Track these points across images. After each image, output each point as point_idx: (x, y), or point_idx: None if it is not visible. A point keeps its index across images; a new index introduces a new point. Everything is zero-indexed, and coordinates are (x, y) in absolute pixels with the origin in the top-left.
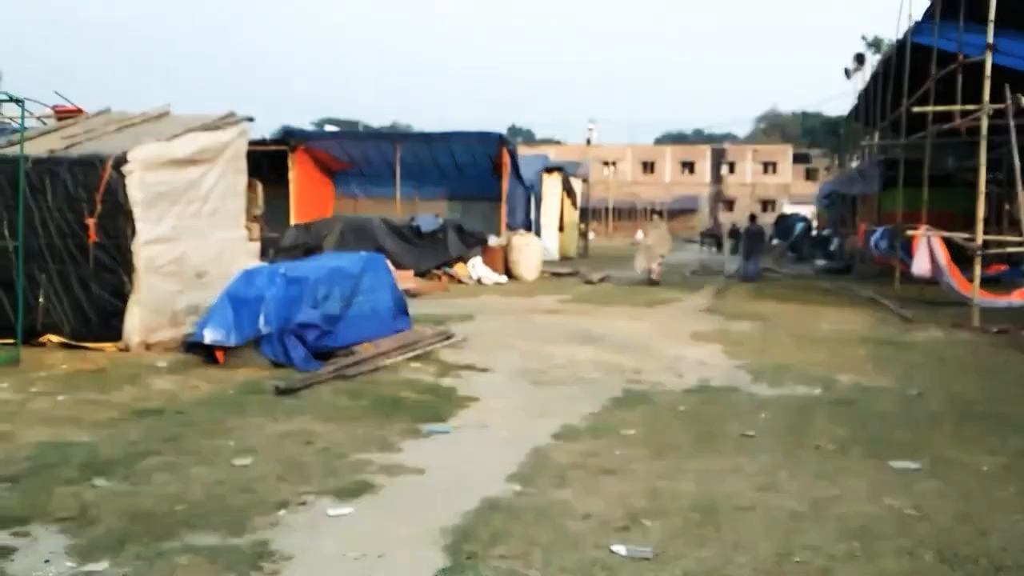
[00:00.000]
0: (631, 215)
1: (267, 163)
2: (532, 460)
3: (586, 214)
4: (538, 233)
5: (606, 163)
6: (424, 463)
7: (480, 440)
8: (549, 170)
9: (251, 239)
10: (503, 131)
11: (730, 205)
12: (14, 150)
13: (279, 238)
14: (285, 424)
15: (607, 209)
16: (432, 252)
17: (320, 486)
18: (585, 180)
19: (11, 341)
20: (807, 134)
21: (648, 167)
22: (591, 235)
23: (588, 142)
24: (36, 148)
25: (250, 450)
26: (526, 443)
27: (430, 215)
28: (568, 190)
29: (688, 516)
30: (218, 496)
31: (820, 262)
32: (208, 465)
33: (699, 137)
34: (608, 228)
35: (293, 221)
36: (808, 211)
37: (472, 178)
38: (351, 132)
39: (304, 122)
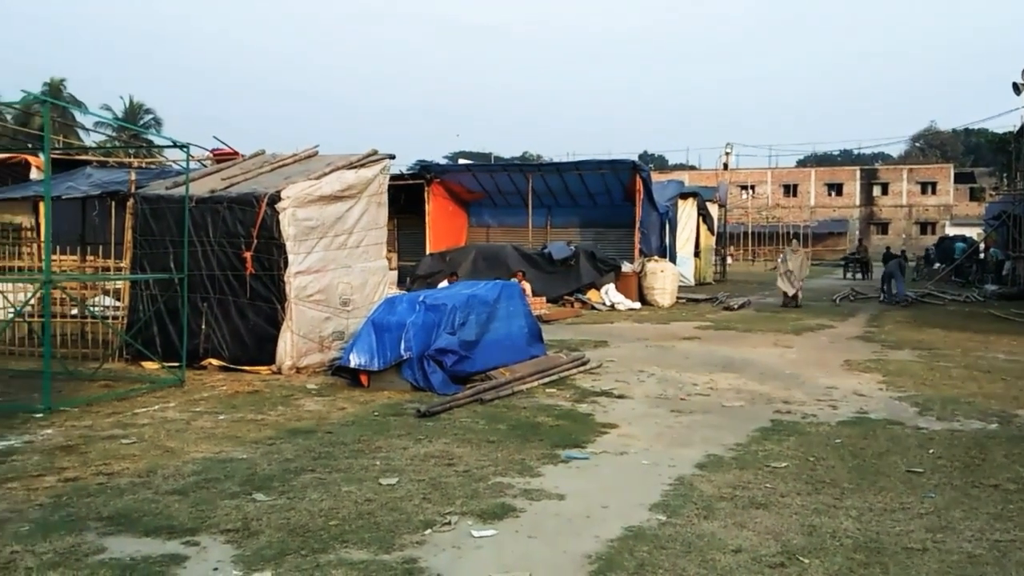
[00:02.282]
0: (772, 239)
1: (404, 196)
2: (676, 490)
3: (723, 239)
4: (673, 259)
5: (744, 187)
6: (564, 488)
7: (620, 467)
8: (684, 195)
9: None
10: (635, 158)
11: (883, 228)
12: (180, 191)
13: (416, 267)
14: (427, 446)
15: (746, 234)
16: (564, 279)
17: (463, 507)
18: (722, 205)
19: (177, 364)
20: (970, 152)
21: (790, 190)
22: (729, 260)
23: (725, 166)
24: (199, 188)
25: (395, 470)
26: (668, 472)
27: (562, 243)
28: (704, 215)
29: (851, 556)
30: (367, 513)
31: (991, 287)
32: (357, 483)
33: (847, 158)
34: (747, 253)
35: (429, 250)
36: (974, 233)
37: (605, 206)
38: (484, 164)
39: (438, 156)
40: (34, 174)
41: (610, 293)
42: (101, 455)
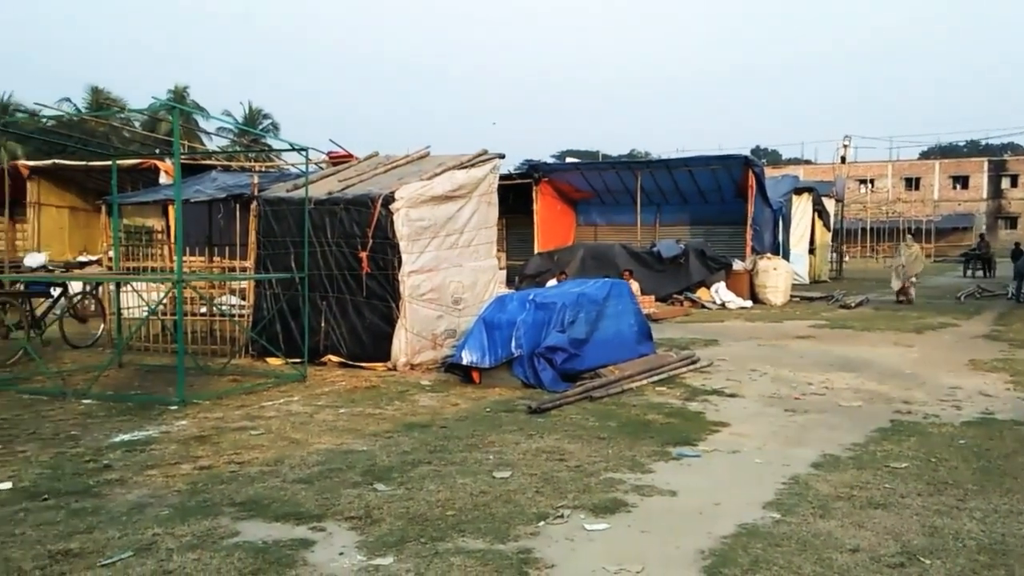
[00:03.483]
0: (892, 235)
1: (512, 195)
2: (790, 488)
3: (840, 235)
4: (786, 256)
5: (863, 181)
6: (675, 485)
7: (732, 466)
8: (799, 191)
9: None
10: (747, 153)
11: (1012, 222)
12: (299, 193)
13: (524, 266)
14: (538, 441)
15: (864, 229)
16: (673, 277)
17: (575, 501)
18: (839, 200)
19: (299, 361)
20: None
21: (912, 183)
22: (846, 257)
23: (842, 160)
24: (317, 191)
25: (508, 464)
26: (782, 471)
27: (671, 240)
28: (819, 211)
29: (974, 557)
30: (483, 504)
31: None
32: (471, 476)
33: (973, 149)
34: (865, 249)
35: (537, 249)
36: None
37: (715, 203)
38: (592, 163)
39: (545, 155)
40: (163, 178)
41: (720, 291)
42: (232, 445)
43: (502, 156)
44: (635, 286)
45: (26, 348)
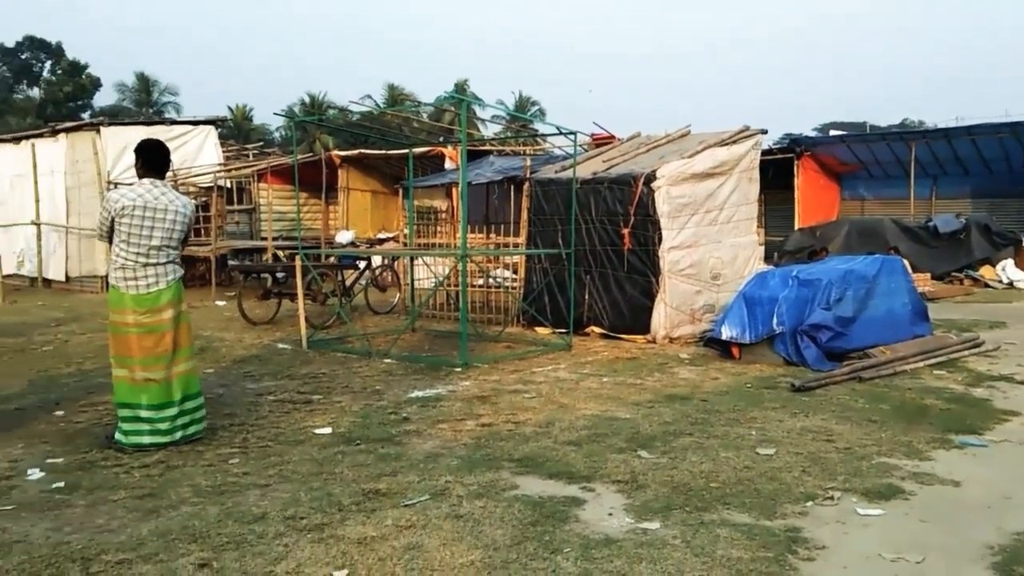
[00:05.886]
0: None
1: (772, 170)
2: None
3: None
4: None
5: None
6: (958, 475)
7: None
8: None
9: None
10: None
11: None
12: (567, 174)
13: (783, 242)
14: (803, 420)
15: None
16: (951, 254)
17: (845, 484)
18: None
19: (565, 331)
20: None
21: None
22: None
23: None
24: (583, 171)
25: (771, 441)
26: None
27: (949, 215)
28: None
29: None
30: (747, 480)
31: None
32: (734, 450)
33: None
34: None
35: (798, 225)
36: None
37: (1002, 172)
38: (859, 134)
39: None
40: (447, 163)
41: (1008, 269)
42: (508, 406)
43: (764, 132)
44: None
45: (339, 313)
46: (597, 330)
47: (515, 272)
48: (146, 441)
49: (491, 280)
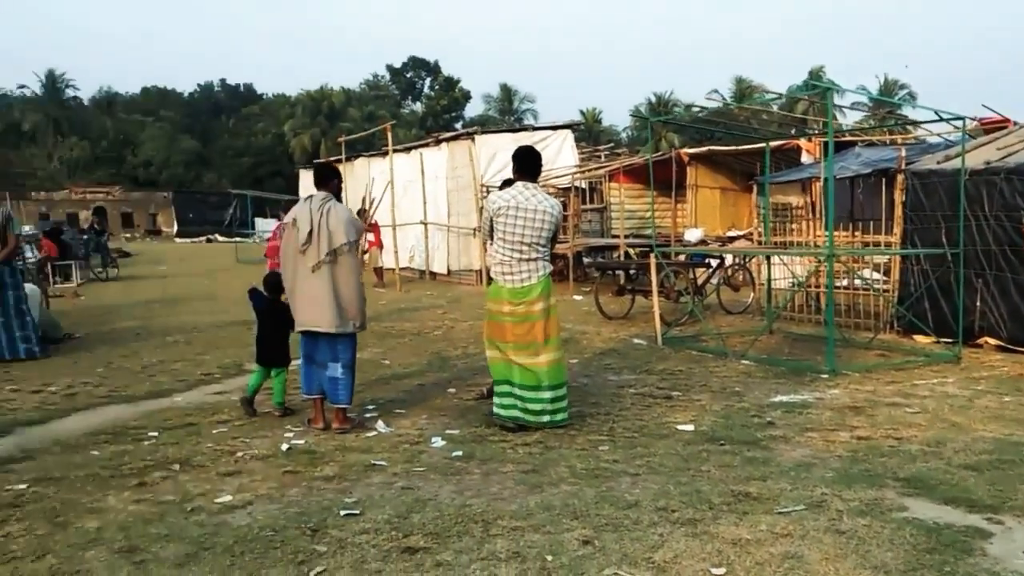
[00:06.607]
0: None
1: None
2: None
3: None
4: None
5: None
6: None
7: None
8: None
9: None
10: None
11: None
12: (951, 164)
13: None
14: None
15: None
16: None
17: None
18: None
19: (951, 341)
20: None
21: None
22: None
23: None
24: (972, 160)
25: None
26: None
27: None
28: None
29: None
30: None
31: None
32: None
33: None
34: None
35: None
36: None
37: None
38: None
39: None
40: (804, 157)
41: None
42: (887, 419)
43: None
44: None
45: (693, 311)
46: (992, 341)
47: (885, 273)
48: (519, 416)
49: (858, 281)
